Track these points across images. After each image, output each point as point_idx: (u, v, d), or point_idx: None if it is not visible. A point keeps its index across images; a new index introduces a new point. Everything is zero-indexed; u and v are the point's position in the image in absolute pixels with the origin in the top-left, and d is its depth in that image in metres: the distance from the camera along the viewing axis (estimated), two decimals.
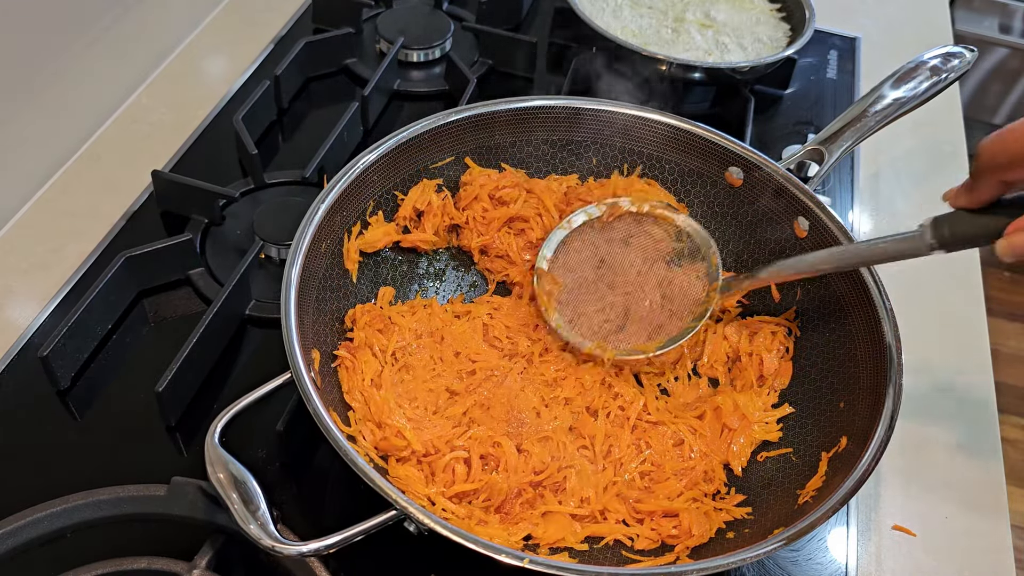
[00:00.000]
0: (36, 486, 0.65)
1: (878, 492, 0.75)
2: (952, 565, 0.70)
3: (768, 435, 0.71)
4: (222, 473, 0.57)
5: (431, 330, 0.75)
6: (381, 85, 1.01)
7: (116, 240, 0.84)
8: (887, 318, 0.69)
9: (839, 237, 0.74)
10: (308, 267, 0.68)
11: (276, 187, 0.91)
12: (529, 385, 0.72)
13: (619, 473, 0.69)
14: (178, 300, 0.81)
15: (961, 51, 0.86)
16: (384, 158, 0.76)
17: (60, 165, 0.92)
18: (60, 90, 0.90)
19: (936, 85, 0.84)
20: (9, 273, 0.82)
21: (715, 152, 0.81)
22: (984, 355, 0.86)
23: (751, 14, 1.11)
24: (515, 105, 0.82)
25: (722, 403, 0.72)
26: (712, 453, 0.70)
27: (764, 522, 0.64)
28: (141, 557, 0.62)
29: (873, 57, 1.20)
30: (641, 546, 0.65)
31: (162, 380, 0.69)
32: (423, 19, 1.13)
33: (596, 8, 1.09)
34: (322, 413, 0.58)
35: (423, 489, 0.63)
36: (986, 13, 2.30)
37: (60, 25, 0.88)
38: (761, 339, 0.76)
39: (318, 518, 0.67)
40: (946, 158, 1.07)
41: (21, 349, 0.75)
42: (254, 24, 1.12)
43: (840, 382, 0.71)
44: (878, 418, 0.63)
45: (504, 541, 0.62)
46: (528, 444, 0.67)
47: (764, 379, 0.75)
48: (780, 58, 1.02)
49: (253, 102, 0.94)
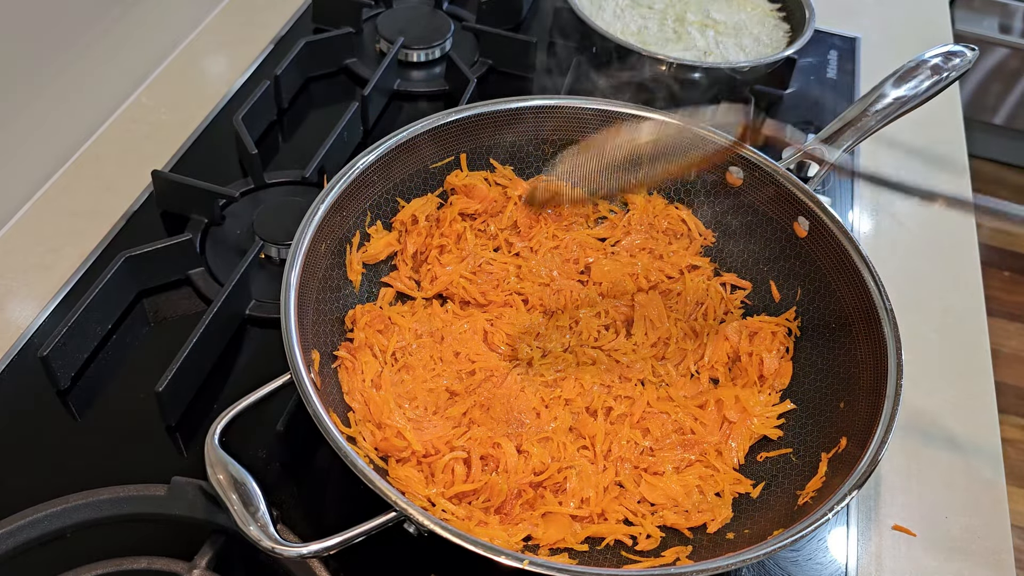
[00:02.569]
0: (36, 486, 0.65)
1: (878, 492, 0.75)
2: (952, 565, 0.70)
3: (767, 430, 0.71)
4: (222, 474, 0.57)
5: (431, 330, 0.75)
6: (381, 85, 1.01)
7: (116, 240, 0.84)
8: (887, 318, 0.69)
9: (839, 237, 0.74)
10: (308, 267, 0.68)
11: (276, 187, 0.91)
12: (529, 386, 0.72)
13: (620, 471, 0.69)
14: (178, 300, 0.81)
15: (962, 50, 0.86)
16: (384, 158, 0.76)
17: (60, 165, 0.92)
18: (60, 90, 0.90)
19: (937, 84, 0.84)
20: (9, 273, 0.82)
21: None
22: (984, 355, 0.86)
23: (751, 14, 1.11)
24: (515, 105, 0.82)
25: (723, 396, 0.72)
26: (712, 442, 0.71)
27: (764, 523, 0.64)
28: (141, 557, 0.62)
29: (873, 57, 1.20)
30: (642, 546, 0.65)
31: (162, 380, 0.68)
32: (423, 19, 1.13)
33: (596, 8, 1.09)
34: (322, 414, 0.58)
35: (423, 490, 0.63)
36: (986, 13, 2.30)
37: (60, 25, 0.88)
38: (761, 339, 0.76)
39: (318, 518, 0.67)
40: (946, 158, 1.07)
41: (21, 349, 0.75)
42: (254, 24, 1.12)
43: (840, 382, 0.71)
44: (878, 418, 0.63)
45: (504, 542, 0.62)
46: (528, 445, 0.67)
47: (764, 379, 0.75)
48: (780, 58, 1.02)
49: (253, 102, 0.94)
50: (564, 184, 0.73)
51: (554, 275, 0.80)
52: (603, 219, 0.86)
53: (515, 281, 0.79)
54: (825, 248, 0.75)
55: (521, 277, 0.80)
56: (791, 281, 0.78)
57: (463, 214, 0.82)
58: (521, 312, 0.78)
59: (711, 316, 0.79)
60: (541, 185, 0.77)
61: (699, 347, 0.77)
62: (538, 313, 0.78)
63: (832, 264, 0.75)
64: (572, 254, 0.82)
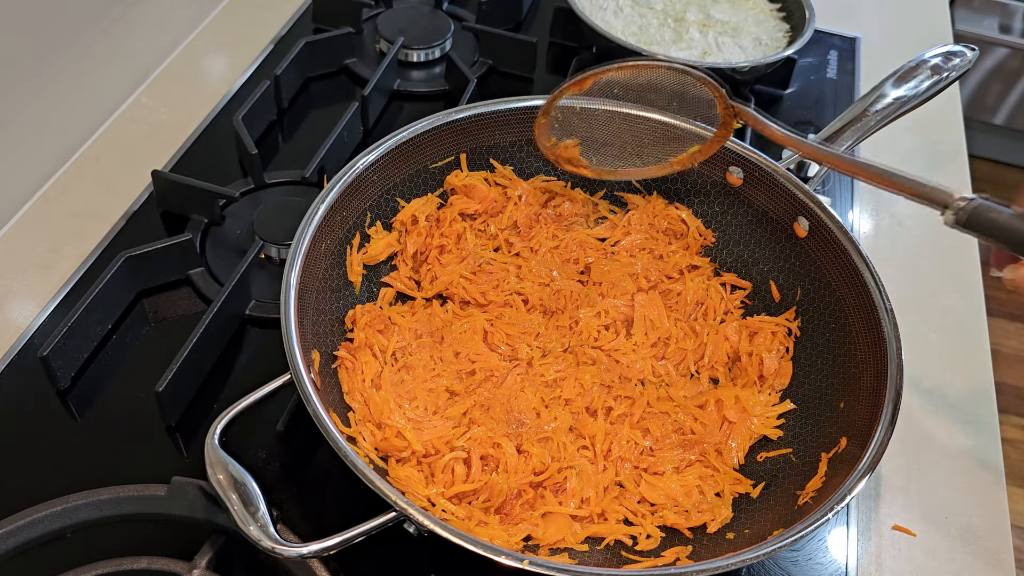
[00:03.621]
0: (36, 486, 0.65)
1: (878, 492, 0.75)
2: (952, 565, 0.70)
3: (767, 430, 0.71)
4: (222, 475, 0.57)
5: (431, 330, 0.75)
6: (381, 85, 1.01)
7: (116, 240, 0.84)
8: (887, 318, 0.69)
9: (839, 237, 0.74)
10: (308, 267, 0.68)
11: (276, 187, 0.91)
12: (529, 386, 0.72)
13: (620, 471, 0.69)
14: (178, 300, 0.81)
15: (962, 50, 0.86)
16: (384, 158, 0.76)
17: (60, 165, 0.92)
18: (60, 90, 0.90)
19: (937, 84, 0.84)
20: (9, 273, 0.82)
21: (715, 152, 0.81)
22: (984, 355, 0.86)
23: (751, 14, 1.11)
24: (515, 105, 0.82)
25: (724, 396, 0.72)
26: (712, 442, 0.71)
27: (764, 523, 0.64)
28: (141, 557, 0.62)
29: (873, 57, 1.20)
30: (642, 546, 0.65)
31: (162, 380, 0.68)
32: (423, 19, 1.13)
33: (596, 8, 1.09)
34: (322, 414, 0.58)
35: (423, 490, 0.63)
36: (986, 13, 2.30)
37: (60, 25, 0.88)
38: (761, 339, 0.76)
39: (318, 518, 0.67)
40: (946, 158, 1.07)
41: (21, 349, 0.75)
42: (254, 24, 1.12)
43: (840, 382, 0.71)
44: (878, 418, 0.63)
45: (504, 542, 0.62)
46: (528, 445, 0.67)
47: (764, 379, 0.75)
48: (780, 58, 1.02)
49: (253, 102, 0.94)
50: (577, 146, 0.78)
51: (554, 275, 0.80)
52: (603, 219, 0.86)
53: (515, 281, 0.79)
54: (825, 248, 0.75)
55: (521, 277, 0.80)
56: (791, 281, 0.78)
57: (463, 214, 0.82)
58: (521, 312, 0.78)
59: (711, 316, 0.79)
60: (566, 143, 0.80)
61: (699, 347, 0.77)
62: (538, 313, 0.78)
63: (832, 264, 0.75)
64: (572, 254, 0.82)
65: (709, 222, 0.84)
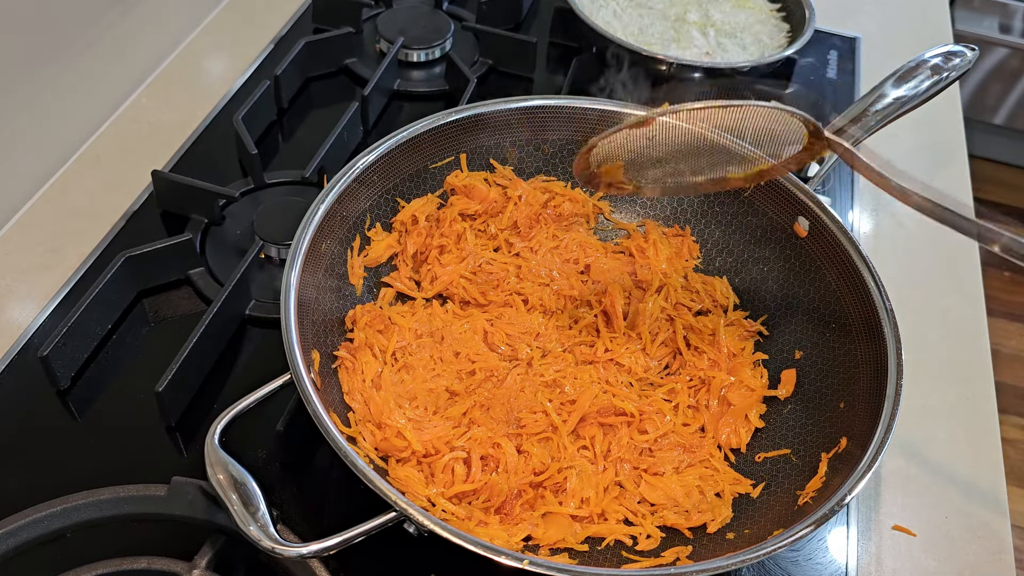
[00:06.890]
0: (36, 486, 0.65)
1: (878, 492, 0.75)
2: (952, 565, 0.70)
3: (759, 403, 0.73)
4: (222, 475, 0.57)
5: (431, 330, 0.75)
6: (381, 85, 1.01)
7: (116, 240, 0.84)
8: (887, 318, 0.69)
9: (839, 237, 0.74)
10: (308, 267, 0.68)
11: (276, 187, 0.91)
12: (529, 386, 0.72)
13: (620, 472, 0.69)
14: (178, 300, 0.81)
15: (962, 50, 0.86)
16: (384, 158, 0.76)
17: (60, 165, 0.92)
18: (60, 90, 0.90)
19: (937, 84, 0.84)
20: (9, 273, 0.82)
21: None
22: (984, 355, 0.86)
23: (751, 14, 1.11)
24: (515, 105, 0.82)
25: (722, 391, 0.73)
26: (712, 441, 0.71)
27: (764, 522, 0.64)
28: (141, 557, 0.62)
29: (873, 57, 1.20)
30: (642, 546, 0.65)
31: (162, 380, 0.69)
32: (423, 19, 1.13)
33: (596, 8, 1.09)
34: (322, 415, 0.58)
35: (423, 490, 0.63)
36: (986, 13, 2.30)
37: (60, 25, 0.88)
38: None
39: (318, 518, 0.67)
40: (946, 158, 1.07)
41: (21, 349, 0.75)
42: (254, 24, 1.12)
43: (840, 382, 0.71)
44: (878, 418, 0.63)
45: (504, 542, 0.62)
46: (528, 445, 0.67)
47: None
48: (780, 58, 1.02)
49: (253, 102, 0.94)
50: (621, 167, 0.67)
51: (554, 275, 0.80)
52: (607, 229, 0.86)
53: (515, 281, 0.79)
54: (825, 248, 0.75)
55: (521, 277, 0.80)
56: (791, 281, 0.78)
57: (463, 214, 0.82)
58: (521, 312, 0.78)
59: (711, 316, 0.79)
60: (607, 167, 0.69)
61: (698, 347, 0.77)
62: (538, 313, 0.78)
63: (832, 264, 0.75)
64: (572, 254, 0.82)
65: (709, 222, 0.84)
